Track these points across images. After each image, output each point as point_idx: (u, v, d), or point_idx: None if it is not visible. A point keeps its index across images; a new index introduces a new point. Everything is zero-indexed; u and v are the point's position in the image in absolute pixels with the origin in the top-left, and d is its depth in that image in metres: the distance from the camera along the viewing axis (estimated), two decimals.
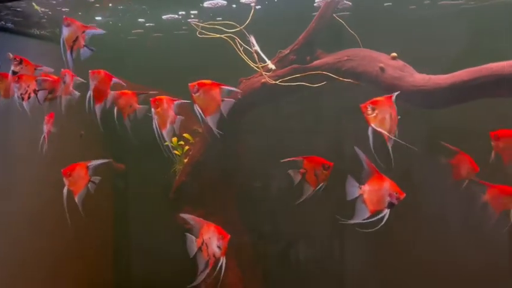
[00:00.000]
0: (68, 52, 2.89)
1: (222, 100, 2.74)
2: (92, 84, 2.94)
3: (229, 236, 2.73)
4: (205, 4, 3.64)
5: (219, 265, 2.71)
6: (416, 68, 3.11)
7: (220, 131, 3.78)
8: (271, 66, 3.50)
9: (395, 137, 2.49)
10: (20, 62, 3.15)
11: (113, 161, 4.25)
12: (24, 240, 3.94)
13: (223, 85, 2.77)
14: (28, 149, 3.51)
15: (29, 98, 3.15)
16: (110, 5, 3.80)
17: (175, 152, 3.96)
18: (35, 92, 3.17)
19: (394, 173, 2.56)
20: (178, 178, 4.01)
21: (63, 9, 3.73)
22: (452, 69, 2.93)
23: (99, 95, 2.97)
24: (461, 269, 3.77)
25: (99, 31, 2.97)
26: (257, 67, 3.48)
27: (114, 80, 2.99)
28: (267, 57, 3.52)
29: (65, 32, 2.84)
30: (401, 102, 3.07)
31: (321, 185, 3.03)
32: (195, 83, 2.75)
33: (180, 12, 3.89)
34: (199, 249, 2.76)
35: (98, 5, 3.72)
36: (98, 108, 2.96)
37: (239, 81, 3.73)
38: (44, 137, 3.25)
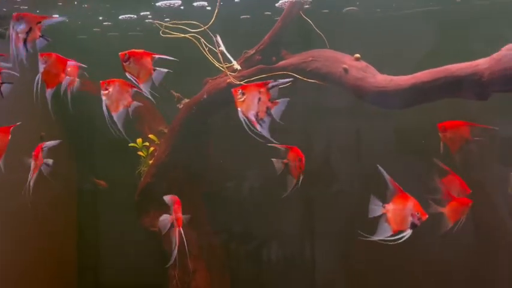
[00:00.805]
0: (21, 44, 2.76)
1: (154, 69, 2.66)
2: (41, 68, 2.75)
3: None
4: (159, 4, 3.58)
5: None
6: (382, 69, 3.17)
7: (187, 130, 3.82)
8: (237, 66, 3.48)
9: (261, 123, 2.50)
10: None
11: (94, 178, 4.19)
12: None
13: (155, 54, 2.68)
14: None
15: None
16: (76, 3, 3.69)
17: (140, 153, 3.89)
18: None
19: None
20: (144, 179, 3.93)
21: (22, 7, 3.61)
22: (417, 70, 2.99)
23: (51, 80, 2.79)
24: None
25: (60, 18, 2.84)
26: (222, 67, 3.45)
27: (70, 62, 2.83)
28: (232, 57, 3.50)
29: (17, 26, 2.72)
30: (366, 103, 3.19)
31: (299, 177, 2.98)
32: (126, 52, 2.66)
33: (141, 13, 3.83)
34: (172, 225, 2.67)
35: (60, 3, 3.62)
36: (48, 93, 2.78)
37: (205, 81, 3.71)
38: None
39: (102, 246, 4.63)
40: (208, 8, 3.57)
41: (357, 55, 3.24)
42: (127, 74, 2.62)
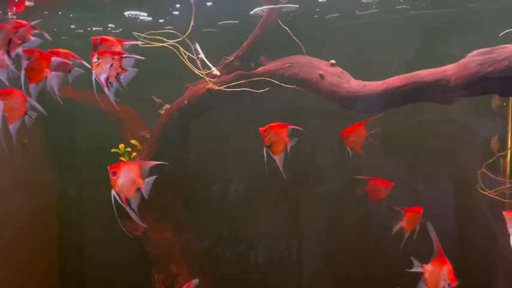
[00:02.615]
0: (6, 56, 2.81)
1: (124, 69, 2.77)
2: (25, 64, 2.79)
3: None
4: (127, 14, 3.68)
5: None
6: (361, 75, 3.28)
7: (168, 136, 3.87)
8: (216, 72, 3.55)
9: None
10: None
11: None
12: None
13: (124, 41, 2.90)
14: None
15: None
16: (46, 12, 3.75)
17: (122, 158, 3.92)
18: None
19: None
20: None
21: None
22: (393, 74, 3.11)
23: (34, 75, 2.82)
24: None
25: (34, 22, 2.89)
26: (201, 73, 3.52)
27: (55, 59, 2.85)
28: (211, 63, 3.57)
29: None
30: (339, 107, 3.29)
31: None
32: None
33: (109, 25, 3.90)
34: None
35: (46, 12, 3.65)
36: (32, 87, 2.81)
37: (185, 87, 3.77)
38: None
39: (84, 251, 4.64)
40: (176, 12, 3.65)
41: (332, 61, 3.34)
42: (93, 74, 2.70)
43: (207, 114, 3.84)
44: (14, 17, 3.69)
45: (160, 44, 3.40)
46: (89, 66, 2.77)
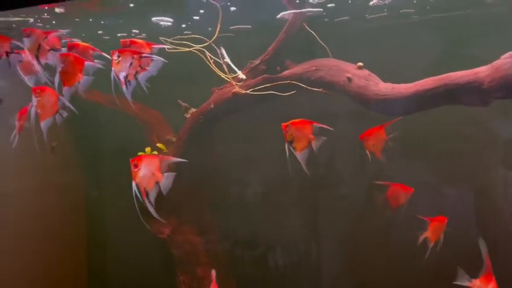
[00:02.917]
0: (35, 61, 2.88)
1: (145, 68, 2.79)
2: (59, 67, 2.85)
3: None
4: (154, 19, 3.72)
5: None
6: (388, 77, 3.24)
7: (194, 139, 3.90)
8: (242, 76, 3.56)
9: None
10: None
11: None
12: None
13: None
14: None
15: None
16: (77, 19, 3.83)
17: None
18: (7, 53, 2.95)
19: None
20: None
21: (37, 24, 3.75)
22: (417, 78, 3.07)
23: (68, 78, 2.87)
24: None
25: (64, 31, 2.97)
26: (228, 77, 3.54)
27: (88, 63, 2.90)
28: (237, 68, 3.59)
29: (27, 42, 2.84)
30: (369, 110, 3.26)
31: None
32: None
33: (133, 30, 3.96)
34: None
35: (63, 16, 3.73)
36: (65, 90, 2.87)
37: (211, 91, 3.79)
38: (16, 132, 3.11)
39: (111, 253, 4.71)
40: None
41: (360, 64, 3.31)
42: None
43: (233, 118, 3.85)
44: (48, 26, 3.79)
45: (188, 49, 3.43)
46: (109, 57, 2.79)
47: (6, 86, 3.33)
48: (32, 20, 3.72)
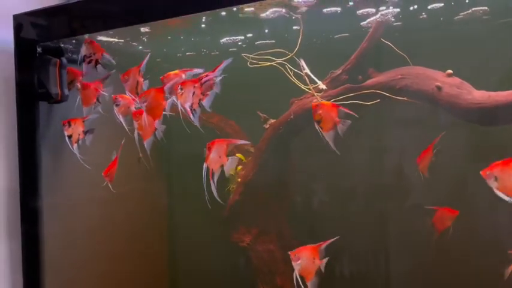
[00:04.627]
0: (139, 99, 3.06)
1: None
2: (144, 107, 3.03)
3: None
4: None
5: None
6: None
7: (273, 150, 3.95)
8: (322, 86, 3.55)
9: None
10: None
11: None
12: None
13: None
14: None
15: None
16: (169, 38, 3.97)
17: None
18: (96, 63, 3.19)
19: None
20: (232, 197, 4.11)
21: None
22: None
23: (155, 113, 3.05)
24: None
25: (147, 57, 3.11)
26: (308, 88, 3.54)
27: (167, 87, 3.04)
28: (318, 77, 3.58)
29: (127, 86, 3.03)
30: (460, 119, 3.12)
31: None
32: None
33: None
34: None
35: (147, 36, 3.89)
36: (157, 124, 3.05)
37: (291, 101, 3.81)
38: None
39: (192, 261, 4.85)
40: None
41: (449, 71, 3.18)
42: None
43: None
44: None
45: (269, 63, 3.49)
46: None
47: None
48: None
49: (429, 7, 3.37)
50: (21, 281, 3.55)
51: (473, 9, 3.28)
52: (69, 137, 3.36)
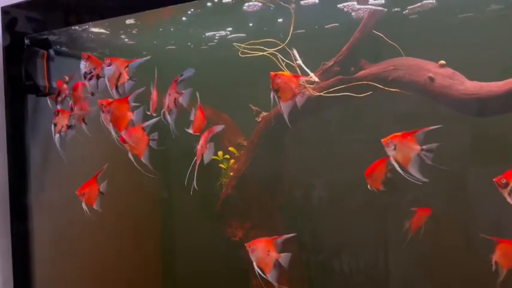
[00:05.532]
0: (114, 89, 2.94)
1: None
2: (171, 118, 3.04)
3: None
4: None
5: None
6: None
7: (265, 143, 3.92)
8: (315, 78, 3.51)
9: None
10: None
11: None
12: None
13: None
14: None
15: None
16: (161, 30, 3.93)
17: (221, 165, 4.03)
18: (98, 77, 3.06)
19: None
20: (225, 191, 4.07)
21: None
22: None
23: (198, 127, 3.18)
24: None
25: (143, 59, 2.99)
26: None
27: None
28: (310, 70, 3.54)
29: (108, 71, 2.93)
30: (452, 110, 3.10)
31: None
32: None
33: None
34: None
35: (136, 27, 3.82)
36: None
37: None
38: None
39: (184, 256, 4.83)
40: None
41: (442, 62, 3.15)
42: None
43: (305, 120, 3.81)
44: None
45: (261, 53, 3.44)
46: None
47: None
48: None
49: None
50: (11, 278, 3.51)
51: None
52: (55, 125, 3.32)
